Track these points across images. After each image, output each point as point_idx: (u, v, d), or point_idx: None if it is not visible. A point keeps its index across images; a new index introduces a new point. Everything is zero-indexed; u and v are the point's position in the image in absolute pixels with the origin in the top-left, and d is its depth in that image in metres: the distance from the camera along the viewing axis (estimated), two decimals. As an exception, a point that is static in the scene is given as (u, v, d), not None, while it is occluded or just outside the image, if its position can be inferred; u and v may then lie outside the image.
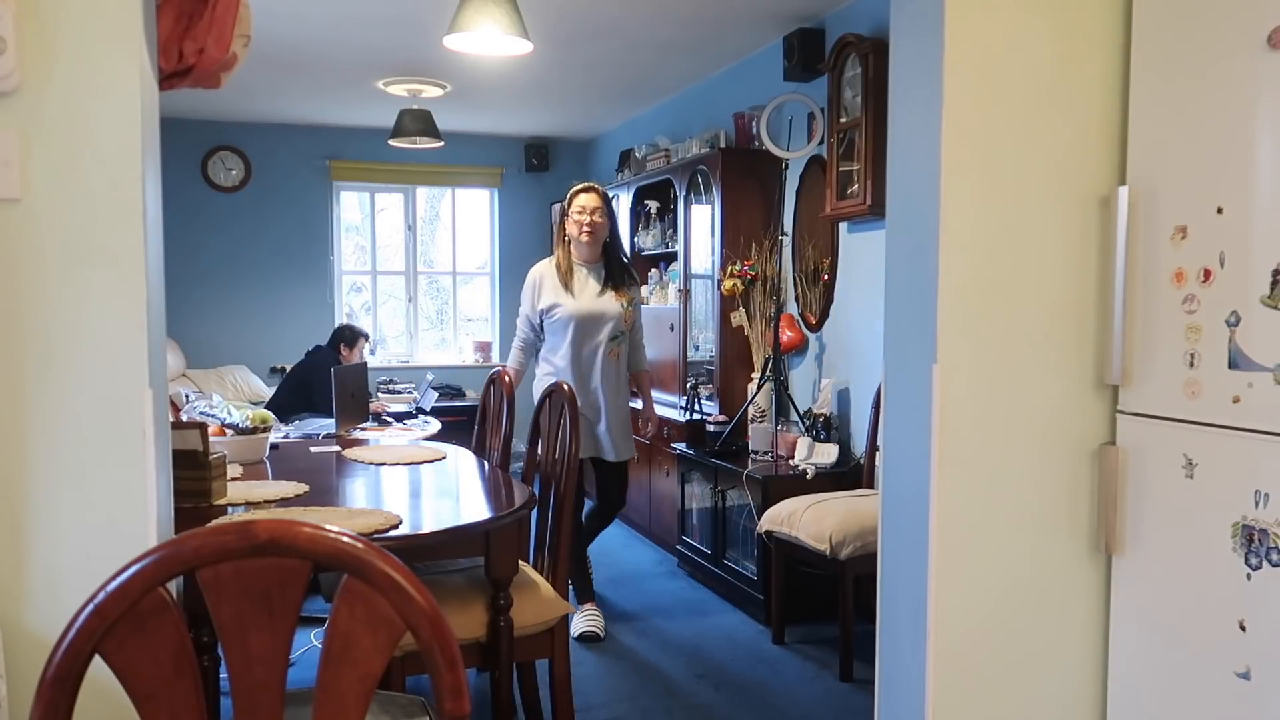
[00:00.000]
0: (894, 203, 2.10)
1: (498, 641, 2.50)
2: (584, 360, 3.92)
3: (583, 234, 3.89)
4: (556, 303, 3.92)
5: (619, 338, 3.97)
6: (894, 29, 2.07)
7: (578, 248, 3.95)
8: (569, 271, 3.94)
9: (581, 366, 3.93)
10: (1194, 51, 1.84)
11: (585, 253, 3.95)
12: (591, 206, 3.90)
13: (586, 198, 3.91)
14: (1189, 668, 1.88)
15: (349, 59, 5.20)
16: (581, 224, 3.90)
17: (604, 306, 3.93)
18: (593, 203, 3.91)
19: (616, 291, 3.96)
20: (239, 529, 1.04)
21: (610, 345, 3.95)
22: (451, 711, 1.07)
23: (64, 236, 1.60)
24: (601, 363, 3.94)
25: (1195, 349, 1.85)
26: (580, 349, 3.92)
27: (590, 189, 3.95)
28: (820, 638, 3.87)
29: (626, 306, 3.98)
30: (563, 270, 3.95)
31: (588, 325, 3.91)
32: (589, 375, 3.93)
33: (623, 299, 3.97)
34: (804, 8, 4.35)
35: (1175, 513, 1.91)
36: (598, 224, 3.91)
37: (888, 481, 2.13)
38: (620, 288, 3.98)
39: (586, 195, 3.92)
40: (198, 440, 2.48)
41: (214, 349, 7.05)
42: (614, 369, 3.98)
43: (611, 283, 3.96)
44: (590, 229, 3.89)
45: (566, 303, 3.91)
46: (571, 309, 3.90)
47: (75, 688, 1.02)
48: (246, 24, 1.91)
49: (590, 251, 3.96)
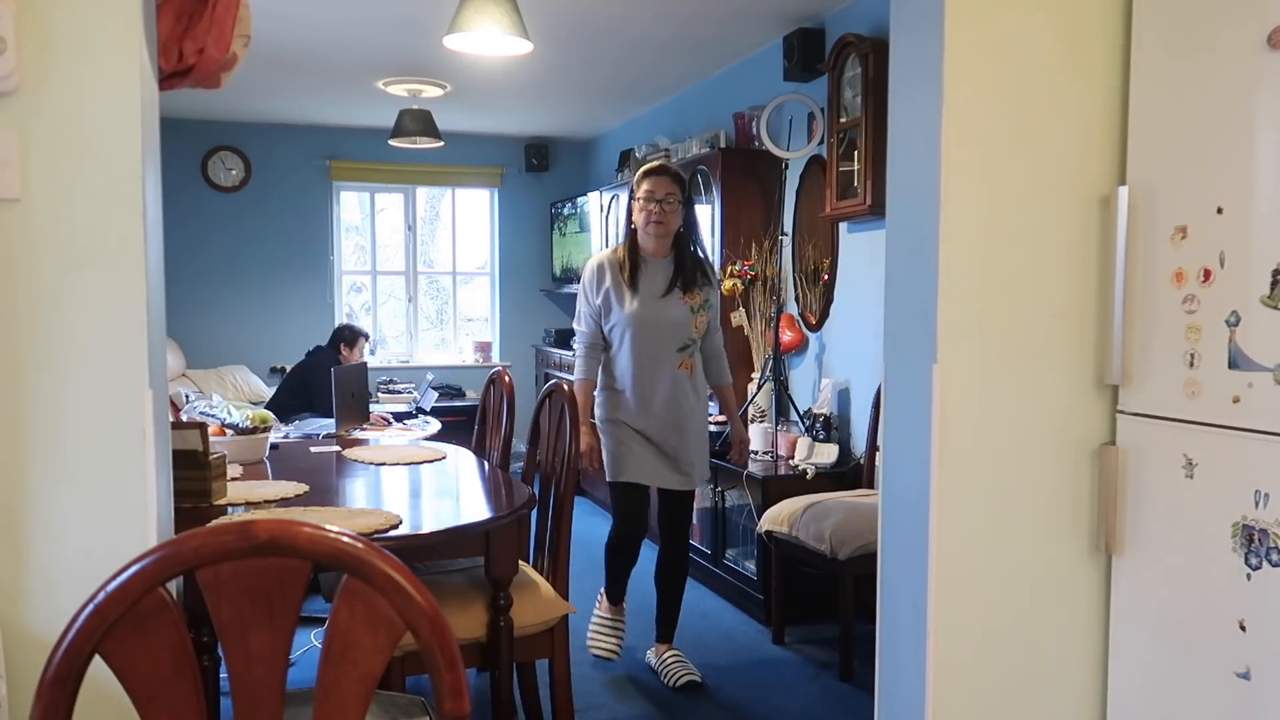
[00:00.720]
0: (894, 203, 2.10)
1: (498, 641, 2.50)
2: (646, 375, 3.29)
3: (650, 224, 3.26)
4: (612, 304, 3.32)
5: (689, 347, 3.33)
6: (894, 29, 2.07)
7: (644, 239, 3.32)
8: (631, 266, 3.30)
9: (644, 383, 3.30)
10: (1194, 51, 1.84)
11: (652, 245, 3.32)
12: (662, 192, 3.25)
13: (656, 181, 3.26)
14: (1189, 668, 1.88)
15: (349, 59, 5.20)
16: (650, 212, 3.25)
17: (668, 311, 3.29)
18: (664, 187, 3.25)
19: (686, 293, 3.31)
20: (239, 529, 1.04)
21: (679, 357, 3.32)
22: (451, 711, 1.07)
23: (64, 236, 1.60)
24: (670, 378, 3.30)
25: (1195, 349, 1.85)
26: (641, 361, 3.30)
27: (662, 170, 3.31)
28: (820, 638, 3.87)
29: (697, 310, 3.33)
30: (623, 264, 3.31)
31: (648, 333, 3.28)
32: (652, 393, 3.30)
33: (692, 301, 3.32)
34: (804, 8, 4.35)
35: (1175, 513, 1.90)
36: (669, 213, 3.25)
37: (888, 481, 2.13)
38: (691, 288, 3.32)
39: (656, 178, 3.27)
40: (198, 440, 2.48)
41: (214, 349, 7.05)
42: (688, 385, 3.34)
43: (681, 282, 3.31)
44: (660, 218, 3.25)
45: (623, 305, 3.30)
46: (628, 313, 3.28)
47: (75, 688, 1.02)
48: (246, 24, 1.91)
49: (658, 244, 3.32)
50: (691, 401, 3.35)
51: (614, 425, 3.34)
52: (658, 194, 3.25)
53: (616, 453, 3.32)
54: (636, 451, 3.30)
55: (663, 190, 3.25)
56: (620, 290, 3.30)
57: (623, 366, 3.32)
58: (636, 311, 3.27)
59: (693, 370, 3.35)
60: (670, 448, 3.32)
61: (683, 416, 3.32)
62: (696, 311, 3.33)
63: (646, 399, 3.29)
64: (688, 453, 3.34)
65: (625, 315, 3.28)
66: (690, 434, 3.34)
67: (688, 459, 3.34)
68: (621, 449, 3.32)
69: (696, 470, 3.39)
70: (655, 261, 3.32)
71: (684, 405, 3.32)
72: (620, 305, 3.29)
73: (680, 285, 3.31)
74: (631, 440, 3.31)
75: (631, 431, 3.31)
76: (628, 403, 3.31)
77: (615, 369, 3.35)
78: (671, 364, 3.31)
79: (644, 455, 3.31)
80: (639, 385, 3.29)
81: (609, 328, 3.34)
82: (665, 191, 3.26)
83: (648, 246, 3.32)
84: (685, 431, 3.33)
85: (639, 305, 3.27)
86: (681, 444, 3.32)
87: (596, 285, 3.35)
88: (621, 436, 3.32)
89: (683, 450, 3.32)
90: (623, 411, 3.32)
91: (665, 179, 3.27)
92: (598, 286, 3.34)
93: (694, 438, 3.35)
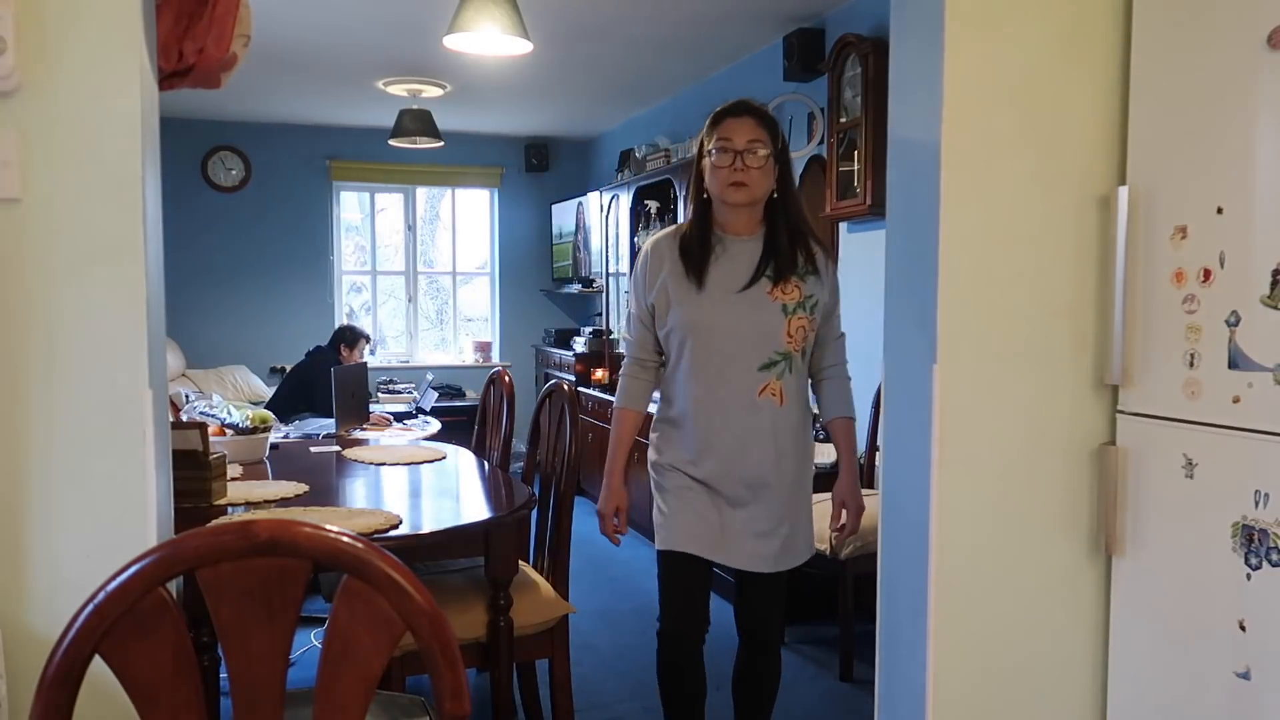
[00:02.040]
0: (894, 203, 2.09)
1: (498, 641, 2.50)
2: (711, 403, 2.28)
3: (730, 186, 2.22)
4: (670, 302, 2.30)
5: (779, 364, 2.27)
6: (894, 29, 2.07)
7: (720, 211, 2.29)
8: (701, 249, 2.28)
9: (706, 414, 2.28)
10: (1194, 51, 1.84)
11: (734, 219, 2.29)
12: (744, 139, 2.21)
13: (734, 125, 2.23)
14: (1189, 668, 1.88)
15: (349, 59, 5.20)
16: (729, 172, 2.21)
17: (748, 311, 2.26)
18: (746, 132, 2.22)
19: (779, 283, 2.27)
20: (239, 529, 1.04)
21: (762, 378, 2.27)
22: (451, 711, 1.07)
23: (64, 236, 1.60)
24: (747, 408, 2.27)
25: (1195, 349, 1.85)
26: (704, 383, 2.28)
27: (743, 108, 2.27)
28: (820, 638, 3.87)
29: (795, 310, 2.27)
30: (690, 246, 2.29)
31: (716, 342, 2.26)
32: (721, 428, 2.28)
33: (788, 297, 2.27)
34: (804, 8, 4.35)
35: (1175, 513, 1.90)
36: (755, 169, 2.22)
37: (888, 481, 2.13)
38: (787, 275, 2.27)
39: (735, 120, 2.24)
40: (198, 440, 2.48)
41: (214, 349, 7.05)
42: (779, 419, 2.29)
43: (772, 268, 2.27)
44: (743, 176, 2.21)
45: (683, 303, 2.28)
46: (687, 315, 2.27)
47: (75, 688, 1.02)
48: (246, 24, 1.91)
49: (743, 217, 2.28)
50: (784, 442, 2.30)
51: (663, 473, 2.36)
52: (737, 142, 2.20)
53: (666, 509, 2.34)
54: (695, 507, 2.30)
55: (744, 137, 2.21)
56: (682, 282, 2.27)
57: (679, 390, 2.31)
58: (699, 311, 2.26)
59: (784, 399, 2.28)
60: (745, 505, 2.29)
61: (767, 465, 2.28)
62: (794, 311, 2.27)
63: (709, 437, 2.28)
64: (773, 514, 2.30)
65: (683, 317, 2.27)
66: (778, 488, 2.31)
67: (773, 523, 2.30)
68: (672, 504, 2.33)
69: (789, 540, 2.33)
70: (737, 242, 2.28)
71: (768, 447, 2.28)
72: (680, 303, 2.27)
73: (771, 273, 2.26)
74: (687, 492, 2.31)
75: (688, 481, 2.31)
76: (683, 441, 2.31)
77: (672, 393, 2.35)
78: (749, 388, 2.26)
79: (705, 513, 2.30)
80: (700, 417, 2.28)
81: (664, 333, 2.33)
82: (748, 139, 2.21)
83: (727, 221, 2.29)
84: (768, 485, 2.29)
85: (705, 302, 2.26)
86: (764, 502, 2.30)
87: (651, 276, 2.33)
88: (673, 486, 2.33)
89: (765, 511, 2.30)
90: (675, 453, 2.33)
91: (748, 121, 2.23)
92: (653, 278, 2.32)
93: (785, 493, 2.32)
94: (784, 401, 2.29)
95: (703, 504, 2.30)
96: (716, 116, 2.27)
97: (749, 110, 2.25)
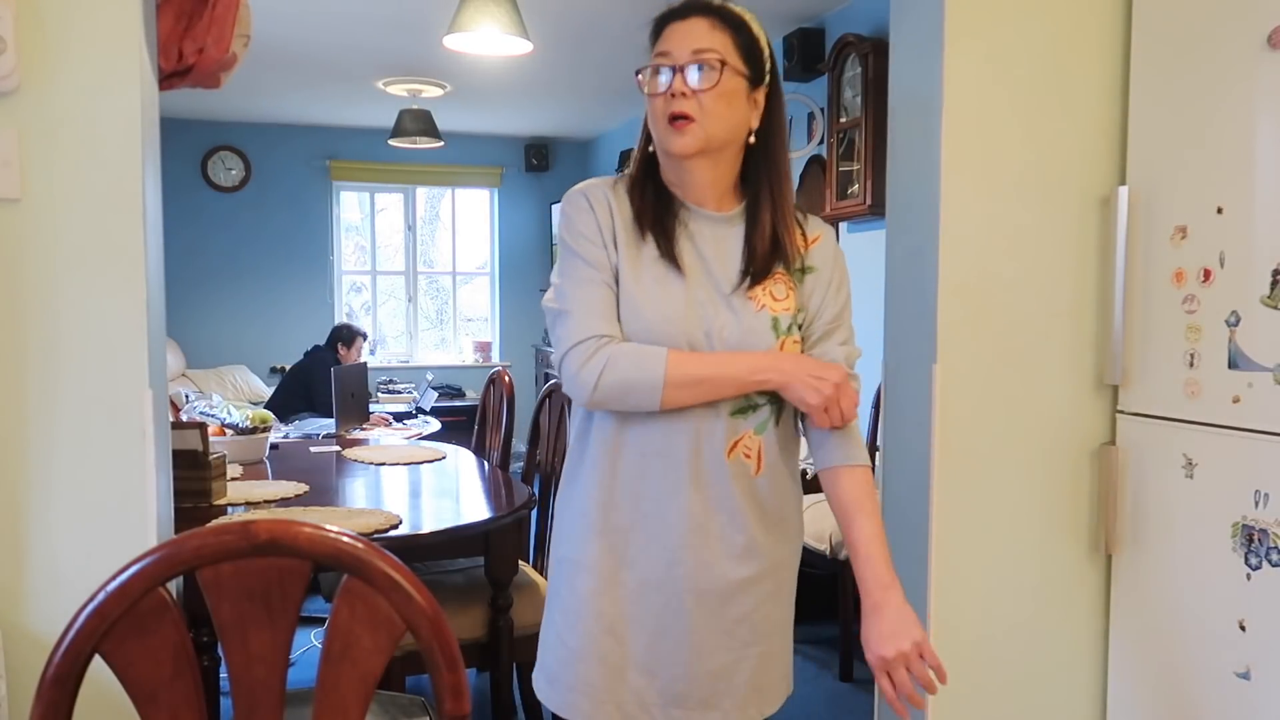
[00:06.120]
0: (894, 203, 2.10)
1: (498, 641, 2.50)
2: (641, 467, 1.38)
3: (668, 124, 1.38)
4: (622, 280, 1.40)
5: (758, 408, 1.39)
6: (894, 29, 2.07)
7: (669, 167, 1.44)
8: (663, 211, 1.41)
9: (631, 484, 1.39)
10: (1194, 51, 1.84)
11: (689, 179, 1.42)
12: (692, 47, 1.38)
13: (683, 28, 1.40)
14: (1189, 668, 1.88)
15: (349, 59, 5.20)
16: (665, 101, 1.40)
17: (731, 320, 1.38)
18: (697, 38, 1.38)
19: (766, 279, 1.40)
20: (239, 529, 1.04)
21: (735, 426, 1.38)
22: (451, 711, 1.07)
23: (64, 236, 1.60)
24: (703, 479, 1.37)
25: (1195, 349, 1.85)
26: (631, 434, 1.38)
27: (694, 6, 1.42)
28: (820, 638, 3.87)
29: (791, 328, 1.40)
30: (646, 206, 1.42)
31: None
32: (651, 509, 1.38)
33: (784, 303, 1.41)
34: (804, 8, 4.35)
35: (1175, 513, 1.90)
36: (707, 99, 1.36)
37: (888, 481, 2.13)
38: (770, 271, 1.41)
39: (684, 23, 1.41)
40: (198, 440, 2.48)
41: (214, 349, 7.05)
42: (753, 492, 1.39)
43: (751, 264, 1.40)
44: (685, 106, 1.37)
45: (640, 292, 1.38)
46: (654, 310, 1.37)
47: (75, 688, 1.02)
48: (246, 24, 1.91)
49: (705, 177, 1.41)
50: (752, 536, 1.40)
51: (561, 568, 1.46)
52: (678, 54, 1.39)
53: (554, 642, 1.45)
54: (599, 642, 1.41)
55: (688, 46, 1.39)
56: (635, 260, 1.40)
57: (596, 437, 1.42)
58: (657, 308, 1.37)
59: (762, 464, 1.40)
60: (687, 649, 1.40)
61: (724, 570, 1.39)
62: (788, 330, 1.41)
63: (629, 519, 1.39)
64: (738, 658, 1.42)
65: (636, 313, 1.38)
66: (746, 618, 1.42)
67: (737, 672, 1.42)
68: (566, 633, 1.43)
69: (753, 692, 1.43)
70: (701, 218, 1.42)
71: (731, 541, 1.39)
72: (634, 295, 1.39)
73: (753, 271, 1.40)
74: (586, 612, 1.41)
75: (594, 589, 1.41)
76: (587, 521, 1.42)
77: (585, 441, 1.44)
78: (713, 444, 1.38)
79: (611, 655, 1.40)
80: (619, 487, 1.40)
81: None
82: (694, 48, 1.38)
83: (682, 184, 1.43)
84: (730, 602, 1.40)
85: (645, 299, 1.38)
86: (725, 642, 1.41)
87: (604, 227, 1.41)
88: (570, 601, 1.43)
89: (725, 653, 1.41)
90: (573, 542, 1.44)
91: (699, 24, 1.40)
92: (606, 231, 1.41)
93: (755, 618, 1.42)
94: (761, 468, 1.40)
95: (611, 638, 1.40)
96: (657, 22, 1.47)
97: (698, 8, 1.41)
